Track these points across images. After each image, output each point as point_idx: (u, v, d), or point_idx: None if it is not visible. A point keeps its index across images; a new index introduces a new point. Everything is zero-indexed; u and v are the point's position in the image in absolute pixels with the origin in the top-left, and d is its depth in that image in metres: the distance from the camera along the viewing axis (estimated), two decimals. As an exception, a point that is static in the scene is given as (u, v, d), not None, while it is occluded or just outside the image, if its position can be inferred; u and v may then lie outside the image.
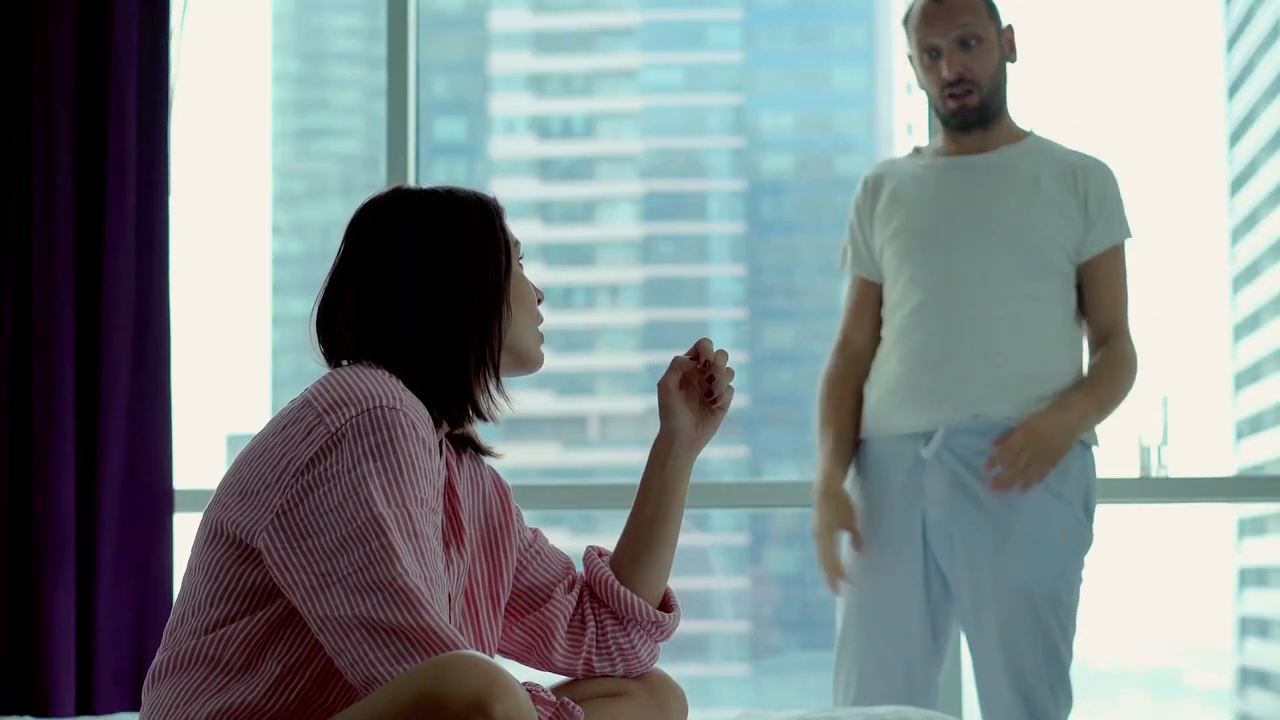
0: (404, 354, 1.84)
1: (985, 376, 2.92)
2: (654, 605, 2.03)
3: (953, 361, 2.93)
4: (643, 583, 2.03)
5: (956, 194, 2.99)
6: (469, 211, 1.91)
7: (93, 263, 3.38)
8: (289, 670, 1.73)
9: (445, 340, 1.85)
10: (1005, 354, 2.92)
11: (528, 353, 1.93)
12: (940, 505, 2.91)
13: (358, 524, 1.67)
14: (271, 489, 1.71)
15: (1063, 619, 2.88)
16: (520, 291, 1.92)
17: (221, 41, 4.11)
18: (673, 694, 2.06)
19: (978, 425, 2.90)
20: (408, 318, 1.85)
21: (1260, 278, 4.32)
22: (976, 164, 3.00)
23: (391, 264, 1.87)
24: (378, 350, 1.85)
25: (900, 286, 3.01)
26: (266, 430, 1.78)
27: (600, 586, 2.02)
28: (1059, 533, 2.88)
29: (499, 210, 1.94)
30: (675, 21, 4.72)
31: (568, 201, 4.67)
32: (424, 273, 1.86)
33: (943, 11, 2.97)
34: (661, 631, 2.04)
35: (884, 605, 2.97)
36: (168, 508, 3.38)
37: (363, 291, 1.87)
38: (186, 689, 1.74)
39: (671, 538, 2.03)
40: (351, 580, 1.65)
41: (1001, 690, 2.89)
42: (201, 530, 1.80)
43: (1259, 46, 4.26)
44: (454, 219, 1.90)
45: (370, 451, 1.70)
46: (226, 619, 1.74)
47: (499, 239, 1.91)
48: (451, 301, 1.86)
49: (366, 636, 1.64)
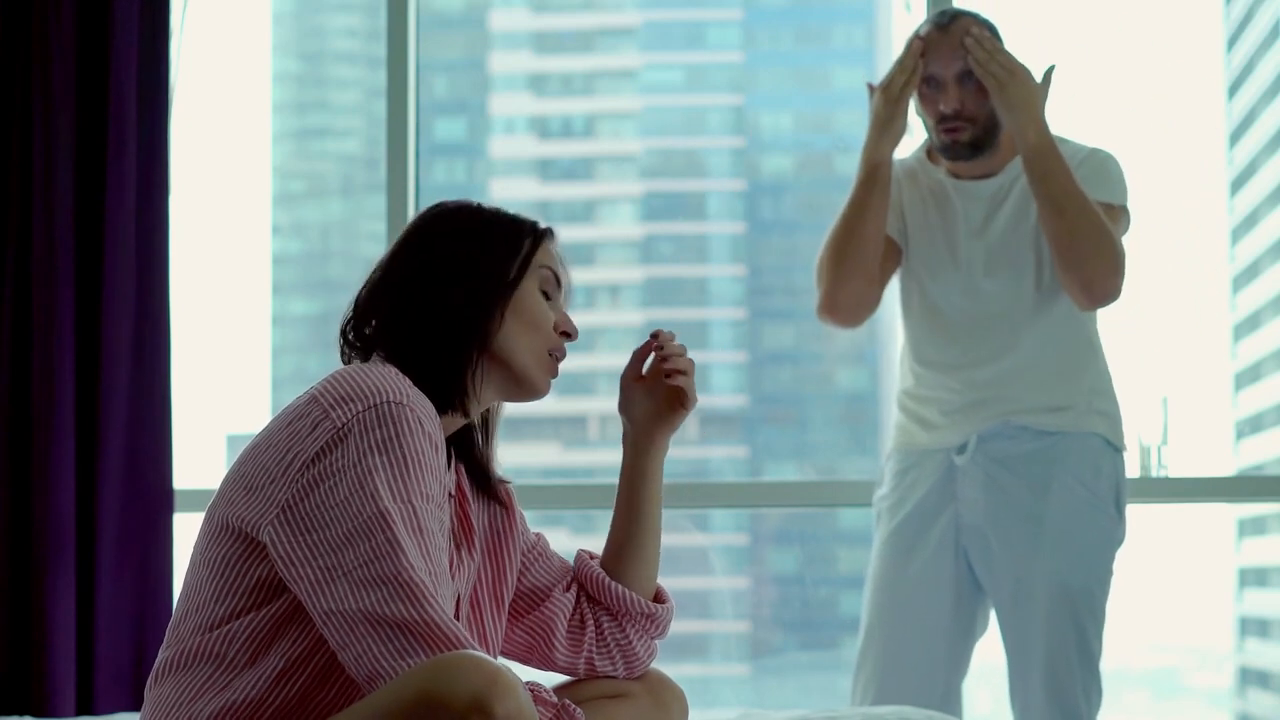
0: (403, 345, 1.86)
1: (1014, 393, 2.96)
2: (646, 599, 2.05)
3: (979, 385, 2.97)
4: (632, 578, 2.05)
5: (968, 221, 3.02)
6: (496, 224, 1.94)
7: (93, 263, 3.38)
8: (291, 665, 1.73)
9: (437, 330, 1.87)
10: (1031, 370, 2.96)
11: (524, 371, 1.92)
12: (974, 507, 2.94)
13: (363, 518, 1.67)
14: (277, 483, 1.72)
15: (1096, 616, 2.91)
16: (527, 308, 1.92)
17: (221, 41, 4.11)
18: (673, 696, 2.07)
19: (1008, 430, 2.93)
20: (412, 309, 1.87)
21: (1260, 278, 4.32)
22: (982, 190, 3.02)
23: (408, 262, 1.91)
24: (383, 343, 1.88)
25: (917, 300, 3.05)
26: (272, 426, 1.79)
27: (591, 583, 2.04)
28: (1092, 530, 2.91)
29: (538, 234, 1.95)
30: (675, 21, 4.71)
31: (567, 201, 4.66)
32: (432, 269, 1.89)
33: (947, 42, 2.95)
34: (654, 624, 2.04)
35: (911, 611, 2.99)
36: (168, 508, 3.38)
37: (375, 285, 1.92)
38: (190, 687, 1.75)
39: (652, 530, 2.05)
40: (356, 574, 1.66)
41: (1036, 689, 2.91)
42: (205, 526, 1.81)
43: (1259, 46, 4.26)
44: (479, 227, 1.93)
45: (376, 446, 1.70)
46: (231, 615, 1.74)
47: (518, 254, 1.92)
48: (450, 295, 1.87)
49: (371, 631, 1.64)
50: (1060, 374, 2.97)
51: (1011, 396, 2.96)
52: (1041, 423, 2.93)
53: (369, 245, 4.43)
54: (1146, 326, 3.90)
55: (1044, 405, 2.94)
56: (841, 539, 4.46)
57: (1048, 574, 2.89)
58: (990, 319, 2.99)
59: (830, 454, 4.44)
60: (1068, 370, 2.97)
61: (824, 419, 4.47)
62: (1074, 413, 2.94)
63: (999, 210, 3.00)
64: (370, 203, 4.42)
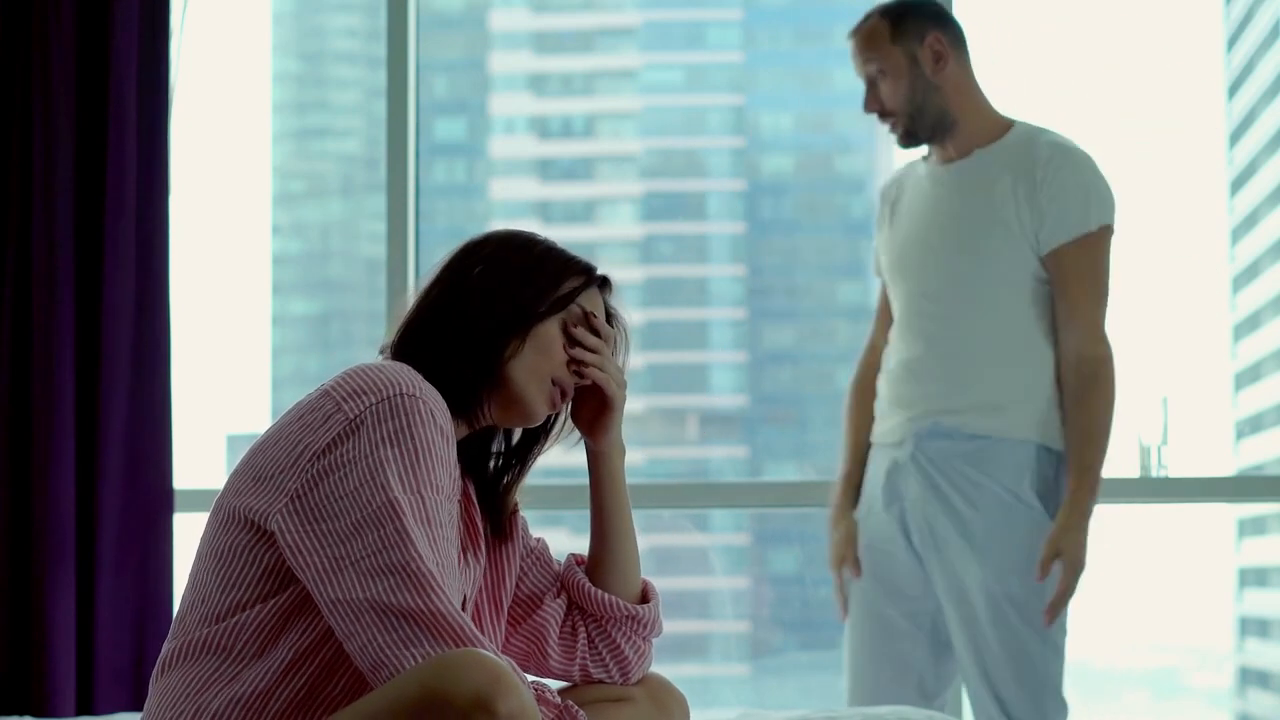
0: (423, 352, 1.88)
1: (942, 388, 2.94)
2: (631, 602, 2.04)
3: (918, 374, 2.96)
4: (613, 581, 2.04)
5: (929, 206, 3.02)
6: (549, 258, 1.94)
7: (93, 263, 3.38)
8: (299, 657, 1.73)
9: (456, 344, 1.88)
10: (967, 365, 2.93)
11: (521, 392, 1.91)
12: (916, 508, 2.95)
13: (373, 508, 1.68)
14: (287, 473, 1.72)
15: (1032, 622, 2.86)
16: (543, 337, 1.91)
17: (221, 41, 4.11)
18: (674, 699, 2.08)
19: (941, 430, 2.92)
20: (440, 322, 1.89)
21: (1260, 278, 4.32)
22: (945, 175, 3.00)
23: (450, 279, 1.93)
24: (402, 347, 1.90)
25: (893, 297, 3.04)
26: (283, 420, 1.79)
27: (574, 591, 2.04)
28: (1022, 535, 2.88)
29: (589, 278, 1.95)
30: (675, 21, 4.71)
31: (567, 201, 4.66)
32: (468, 288, 1.91)
33: (853, 46, 3.02)
34: (639, 625, 2.04)
35: (884, 617, 3.00)
36: (168, 508, 3.38)
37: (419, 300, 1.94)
38: (198, 678, 1.75)
39: (625, 532, 2.04)
40: (365, 564, 1.66)
41: (983, 695, 2.91)
42: (213, 517, 1.81)
43: (1259, 46, 4.26)
44: (532, 253, 1.94)
45: (389, 437, 1.71)
46: (237, 606, 1.75)
47: (556, 288, 1.92)
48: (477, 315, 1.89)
49: (377, 620, 1.65)
50: (996, 368, 2.91)
51: (939, 393, 2.93)
52: (972, 426, 2.90)
53: (369, 245, 4.43)
54: (1146, 326, 3.90)
55: (975, 404, 2.90)
56: (841, 539, 4.45)
57: (983, 586, 2.87)
58: (926, 301, 2.96)
59: (830, 454, 4.43)
60: (1005, 365, 2.91)
61: (824, 419, 4.47)
62: (1006, 416, 2.89)
63: (955, 194, 2.97)
64: (370, 203, 4.42)
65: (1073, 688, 2.90)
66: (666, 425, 4.43)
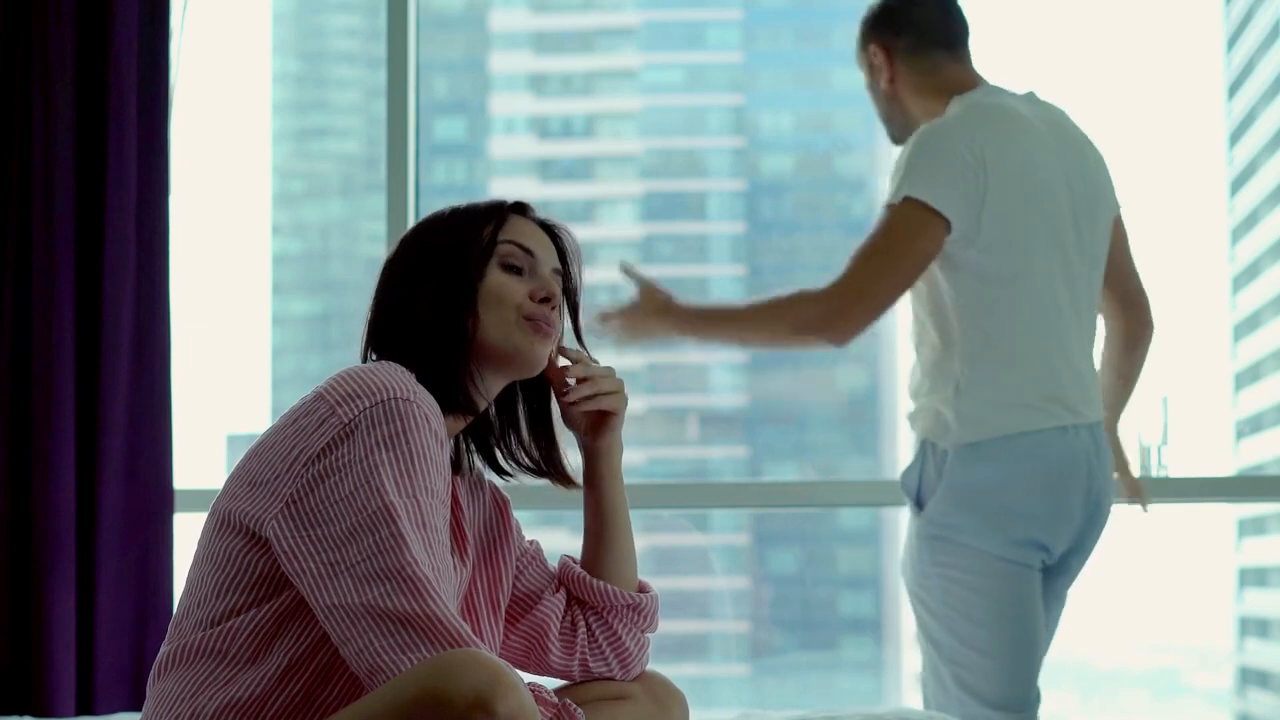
0: (402, 356, 1.88)
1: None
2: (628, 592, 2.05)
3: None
4: (611, 575, 2.05)
5: None
6: (458, 222, 1.95)
7: (93, 263, 3.38)
8: (295, 663, 1.73)
9: (423, 341, 1.89)
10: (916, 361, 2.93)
11: (503, 347, 1.92)
12: None
13: (368, 512, 1.68)
14: (282, 478, 1.72)
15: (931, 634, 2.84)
16: (492, 292, 1.92)
17: (221, 41, 4.11)
18: (674, 698, 2.08)
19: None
20: (397, 324, 1.91)
21: (1260, 278, 4.32)
22: None
23: (389, 280, 1.96)
24: (382, 349, 1.92)
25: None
26: (277, 424, 1.79)
27: (574, 583, 2.05)
28: (913, 530, 2.89)
29: (499, 216, 1.95)
30: (675, 21, 4.71)
31: (567, 201, 4.66)
32: (407, 282, 1.92)
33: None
34: (639, 614, 2.05)
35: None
36: (168, 508, 3.38)
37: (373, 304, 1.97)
38: (193, 682, 1.75)
39: (622, 527, 2.06)
40: (360, 568, 1.66)
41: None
42: (209, 522, 1.81)
43: (1259, 46, 4.26)
44: (442, 231, 1.95)
45: (383, 441, 1.71)
46: (233, 611, 1.75)
47: (478, 245, 1.92)
48: (423, 305, 1.90)
49: (373, 625, 1.64)
50: (923, 369, 2.89)
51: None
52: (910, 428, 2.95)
53: (369, 245, 4.43)
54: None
55: (910, 406, 2.94)
56: (841, 539, 4.46)
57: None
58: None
59: (830, 454, 4.44)
60: (930, 365, 2.87)
61: (824, 419, 4.47)
62: (917, 417, 2.89)
63: None
64: (370, 203, 4.42)
65: (1073, 688, 2.89)
66: (666, 425, 4.43)
